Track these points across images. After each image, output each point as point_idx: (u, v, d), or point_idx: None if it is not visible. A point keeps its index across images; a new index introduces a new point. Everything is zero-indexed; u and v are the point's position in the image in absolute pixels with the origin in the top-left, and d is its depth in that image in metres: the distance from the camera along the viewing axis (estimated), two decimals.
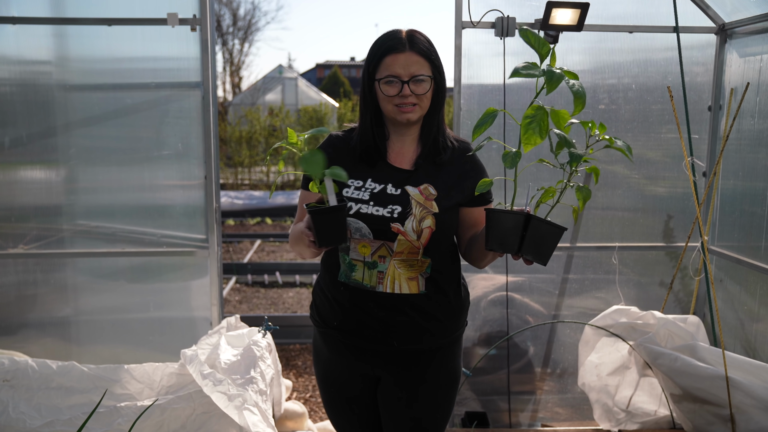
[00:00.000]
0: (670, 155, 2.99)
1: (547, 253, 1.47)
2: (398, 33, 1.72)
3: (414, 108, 1.71)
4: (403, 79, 1.68)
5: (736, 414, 2.38)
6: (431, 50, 1.73)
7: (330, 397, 1.93)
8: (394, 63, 1.69)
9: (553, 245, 1.47)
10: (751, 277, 2.76)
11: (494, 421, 3.05)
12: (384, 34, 1.75)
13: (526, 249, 1.47)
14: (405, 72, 1.68)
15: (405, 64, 1.68)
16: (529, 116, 1.40)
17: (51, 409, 2.23)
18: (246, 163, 14.09)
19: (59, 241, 2.89)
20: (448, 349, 1.85)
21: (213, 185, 2.83)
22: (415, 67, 1.68)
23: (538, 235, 1.46)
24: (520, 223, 1.46)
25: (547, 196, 1.50)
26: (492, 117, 1.47)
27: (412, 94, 1.69)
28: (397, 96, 1.70)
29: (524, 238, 1.47)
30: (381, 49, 1.72)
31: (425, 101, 1.73)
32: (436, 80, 1.73)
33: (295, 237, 1.76)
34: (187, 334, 2.95)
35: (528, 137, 1.40)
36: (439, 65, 1.74)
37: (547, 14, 2.65)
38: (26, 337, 2.93)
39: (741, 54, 2.81)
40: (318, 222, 1.51)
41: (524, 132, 1.40)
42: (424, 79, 1.70)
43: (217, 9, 24.31)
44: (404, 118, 1.72)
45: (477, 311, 3.03)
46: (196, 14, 2.72)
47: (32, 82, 2.80)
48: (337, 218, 1.52)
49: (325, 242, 1.53)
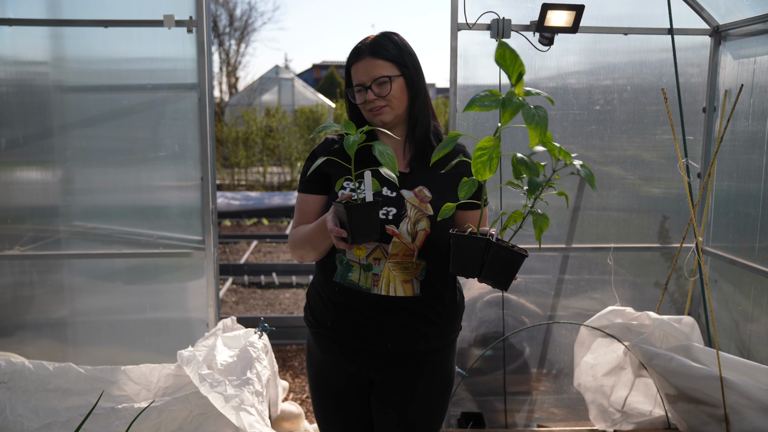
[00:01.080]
0: (665, 156, 3.00)
1: (507, 280, 1.48)
2: (363, 41, 1.77)
3: (384, 109, 1.74)
4: (366, 85, 1.72)
5: (731, 414, 2.40)
6: (394, 51, 1.74)
7: (320, 399, 1.91)
8: (357, 71, 1.74)
9: (514, 271, 1.48)
10: (745, 277, 2.77)
11: (490, 422, 3.06)
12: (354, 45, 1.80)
13: (486, 274, 1.48)
14: (366, 77, 1.72)
15: (365, 70, 1.72)
16: (481, 149, 1.39)
17: (48, 411, 2.23)
18: (243, 163, 14.08)
19: (56, 243, 2.89)
20: (442, 352, 1.85)
21: (209, 186, 2.83)
22: (375, 71, 1.72)
23: (499, 261, 1.46)
24: (481, 249, 1.46)
25: (512, 220, 1.50)
26: (453, 141, 1.47)
27: (378, 96, 1.72)
28: (366, 102, 1.74)
29: (485, 264, 1.47)
30: (349, 61, 1.77)
31: (394, 101, 1.75)
32: (405, 77, 1.75)
33: (305, 237, 1.74)
34: (184, 336, 2.95)
35: (477, 170, 1.39)
36: (406, 62, 1.75)
37: (543, 16, 2.66)
38: (23, 338, 2.93)
39: (735, 56, 2.82)
40: (354, 217, 1.49)
41: (474, 166, 1.39)
42: (384, 81, 1.72)
43: (213, 9, 24.30)
44: (378, 120, 1.76)
45: (473, 312, 3.04)
46: (193, 16, 2.72)
47: (28, 83, 2.80)
48: (373, 213, 1.51)
49: (359, 238, 1.51)
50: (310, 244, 1.72)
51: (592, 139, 2.98)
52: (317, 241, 1.71)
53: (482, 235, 1.49)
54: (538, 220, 1.48)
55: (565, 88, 2.93)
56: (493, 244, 1.46)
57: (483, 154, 1.39)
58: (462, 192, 1.47)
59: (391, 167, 1.47)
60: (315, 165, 1.61)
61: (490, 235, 1.49)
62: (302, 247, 1.76)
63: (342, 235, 1.52)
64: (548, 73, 2.91)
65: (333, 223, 1.55)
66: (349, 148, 1.47)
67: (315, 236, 1.70)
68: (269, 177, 14.48)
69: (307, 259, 1.80)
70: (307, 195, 1.82)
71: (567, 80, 2.94)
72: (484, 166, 1.39)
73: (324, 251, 1.76)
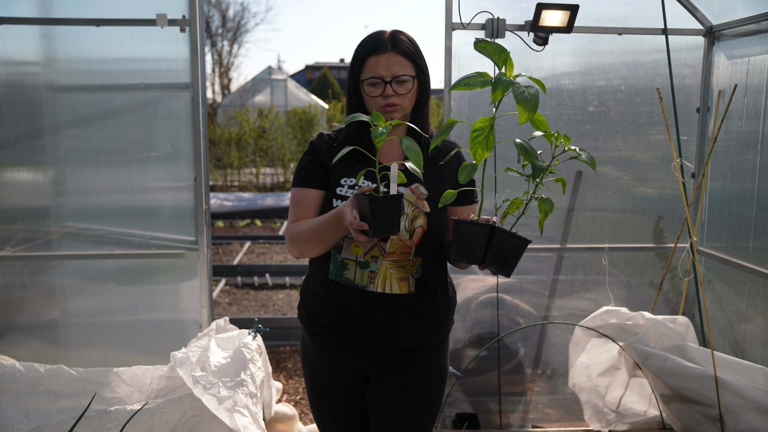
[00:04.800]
0: (659, 156, 3.01)
1: (510, 265, 1.48)
2: (381, 34, 1.74)
3: (396, 108, 1.73)
4: (385, 80, 1.70)
5: (725, 414, 2.40)
6: (414, 50, 1.74)
7: (316, 397, 1.92)
8: (376, 64, 1.71)
9: (517, 257, 1.48)
10: (739, 277, 2.78)
11: (485, 423, 3.05)
12: (367, 36, 1.77)
13: (490, 260, 1.48)
14: (387, 72, 1.70)
15: (387, 65, 1.70)
16: (478, 129, 1.40)
17: (39, 414, 2.20)
18: (235, 164, 14.04)
19: (47, 244, 2.86)
20: (436, 347, 1.86)
21: (202, 187, 2.81)
22: (397, 68, 1.70)
23: (502, 247, 1.47)
24: (484, 235, 1.47)
25: (513, 207, 1.51)
26: (449, 127, 1.48)
27: (395, 93, 1.71)
28: (381, 96, 1.72)
29: (488, 250, 1.47)
30: (364, 50, 1.74)
31: (407, 101, 1.75)
32: (419, 79, 1.75)
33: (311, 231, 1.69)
34: (177, 337, 2.93)
35: (475, 151, 1.40)
36: (422, 65, 1.76)
37: (537, 16, 2.66)
38: (13, 340, 2.90)
39: (729, 56, 2.83)
40: (377, 210, 1.46)
41: (472, 146, 1.40)
42: (406, 79, 1.72)
43: (206, 10, 24.23)
44: (387, 117, 1.74)
45: (467, 312, 3.04)
46: (186, 15, 2.70)
47: (19, 83, 2.77)
48: (397, 207, 1.49)
49: (380, 231, 1.48)
50: (317, 239, 1.69)
51: (587, 139, 2.98)
52: (326, 235, 1.67)
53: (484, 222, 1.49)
54: (543, 204, 1.48)
55: (559, 88, 2.93)
56: (497, 229, 1.46)
57: (479, 135, 1.40)
58: (462, 175, 1.46)
59: (416, 163, 1.45)
60: (341, 153, 1.51)
61: (492, 222, 1.49)
62: (306, 241, 1.72)
63: (363, 228, 1.48)
64: (542, 73, 2.91)
65: (353, 215, 1.50)
66: (377, 139, 1.44)
67: (325, 230, 1.66)
68: (262, 178, 14.44)
69: (308, 255, 1.77)
70: (307, 189, 1.80)
71: (561, 81, 2.94)
72: (481, 146, 1.39)
73: (329, 246, 1.72)
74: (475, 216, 1.56)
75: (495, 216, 1.55)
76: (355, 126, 1.78)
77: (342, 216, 1.58)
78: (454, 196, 1.52)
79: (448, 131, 1.47)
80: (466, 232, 1.49)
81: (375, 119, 1.48)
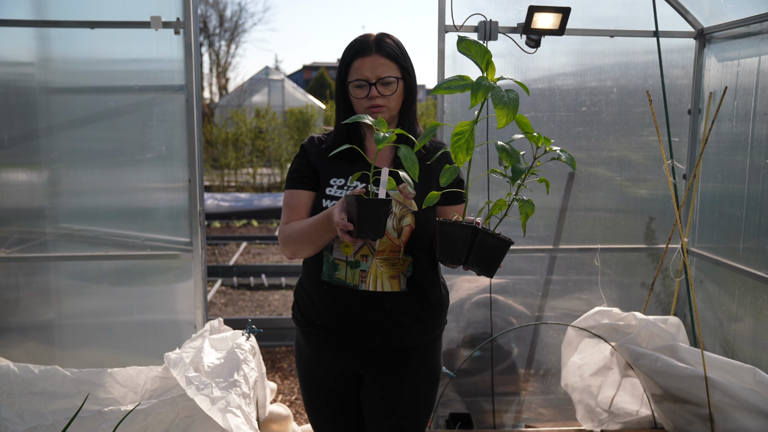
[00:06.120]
0: (651, 158, 3.03)
1: (493, 266, 1.50)
2: (367, 37, 1.77)
3: (381, 109, 1.75)
4: (370, 82, 1.73)
5: (715, 413, 2.42)
6: (399, 52, 1.76)
7: (311, 397, 1.94)
8: (361, 66, 1.74)
9: (500, 258, 1.50)
10: (729, 278, 2.80)
11: (478, 422, 3.07)
12: (354, 39, 1.80)
13: (473, 261, 1.50)
14: (372, 74, 1.73)
15: (372, 67, 1.73)
16: (458, 134, 1.41)
17: (33, 415, 2.21)
18: (232, 165, 14.04)
19: (42, 245, 2.87)
20: (429, 346, 1.88)
21: (197, 188, 2.83)
22: (381, 69, 1.73)
23: (485, 248, 1.49)
24: (467, 236, 1.49)
25: (497, 208, 1.53)
26: (433, 130, 1.50)
27: (380, 95, 1.74)
28: (366, 98, 1.74)
29: (471, 251, 1.49)
30: (350, 53, 1.77)
31: (392, 102, 1.77)
32: (404, 81, 1.78)
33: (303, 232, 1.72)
34: (171, 338, 2.94)
35: (456, 154, 1.42)
36: (407, 66, 1.79)
37: (529, 18, 2.67)
38: (8, 341, 2.90)
39: (719, 58, 2.85)
40: (363, 211, 1.48)
41: (453, 149, 1.41)
42: (391, 81, 1.74)
43: (203, 10, 24.22)
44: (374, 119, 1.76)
45: (461, 313, 3.05)
46: (180, 17, 2.71)
47: (14, 85, 2.78)
48: (383, 211, 1.50)
49: (364, 233, 1.50)
50: (309, 239, 1.71)
51: (579, 140, 2.99)
52: (317, 236, 1.69)
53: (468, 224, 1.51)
54: (524, 206, 1.50)
55: (552, 89, 2.95)
56: (480, 231, 1.48)
57: (459, 139, 1.42)
58: (443, 178, 1.48)
59: (412, 173, 1.47)
60: (339, 149, 1.58)
61: (476, 224, 1.51)
62: (298, 242, 1.75)
63: (348, 228, 1.51)
64: (537, 74, 2.92)
65: (340, 216, 1.53)
66: (379, 144, 1.46)
67: (316, 230, 1.68)
68: (259, 178, 14.44)
69: (301, 255, 1.79)
70: (298, 191, 1.82)
71: (555, 82, 2.96)
72: (461, 150, 1.41)
73: (321, 247, 1.75)
74: (459, 217, 1.57)
75: (479, 217, 1.57)
76: (345, 128, 1.81)
77: (332, 217, 1.61)
78: (438, 198, 1.54)
79: (432, 133, 1.49)
80: (449, 233, 1.51)
81: (378, 124, 1.51)
